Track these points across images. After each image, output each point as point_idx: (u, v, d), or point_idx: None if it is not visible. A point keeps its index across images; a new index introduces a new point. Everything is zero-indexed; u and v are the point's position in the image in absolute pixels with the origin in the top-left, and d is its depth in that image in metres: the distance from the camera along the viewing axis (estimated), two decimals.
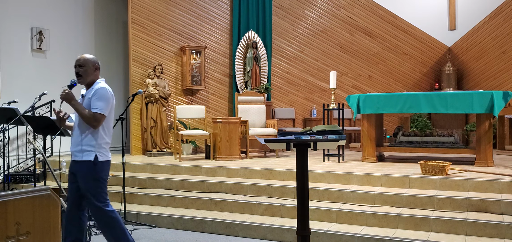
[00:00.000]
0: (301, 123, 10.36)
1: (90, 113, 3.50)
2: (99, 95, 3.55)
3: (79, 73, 3.64)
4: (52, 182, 6.63)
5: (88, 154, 3.53)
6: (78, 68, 3.64)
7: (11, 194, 2.32)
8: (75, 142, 3.60)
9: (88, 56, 3.70)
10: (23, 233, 2.34)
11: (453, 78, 10.14)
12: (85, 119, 3.50)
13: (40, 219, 2.43)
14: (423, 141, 6.91)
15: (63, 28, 8.67)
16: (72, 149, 3.61)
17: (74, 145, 3.60)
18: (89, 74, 3.65)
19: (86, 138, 3.54)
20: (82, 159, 3.53)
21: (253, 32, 9.59)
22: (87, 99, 3.58)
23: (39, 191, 2.45)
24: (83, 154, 3.53)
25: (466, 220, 4.47)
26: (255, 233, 4.99)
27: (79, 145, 3.55)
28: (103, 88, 3.61)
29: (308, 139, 3.18)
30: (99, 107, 3.52)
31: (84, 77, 3.64)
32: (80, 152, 3.54)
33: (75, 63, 3.66)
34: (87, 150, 3.53)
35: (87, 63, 3.65)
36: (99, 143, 3.58)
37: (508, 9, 9.65)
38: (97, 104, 3.52)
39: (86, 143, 3.54)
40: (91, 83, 3.66)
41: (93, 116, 3.50)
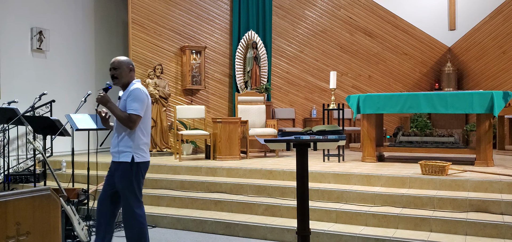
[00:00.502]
0: (301, 123, 10.36)
1: (125, 115, 3.53)
2: (134, 96, 3.57)
3: (114, 76, 3.65)
4: (52, 182, 6.63)
5: (125, 155, 3.57)
6: (113, 71, 3.64)
7: (11, 194, 2.31)
8: (113, 143, 3.65)
9: (122, 58, 3.69)
10: (23, 233, 2.34)
11: (453, 78, 10.14)
12: (121, 121, 3.54)
13: (40, 219, 2.42)
14: (423, 141, 6.91)
15: (63, 28, 8.67)
16: (111, 150, 3.66)
17: (112, 146, 3.65)
18: (124, 76, 3.65)
19: (123, 139, 3.58)
20: (119, 160, 3.57)
21: (253, 32, 9.59)
22: (123, 101, 3.61)
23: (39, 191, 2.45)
24: (120, 155, 3.58)
25: (466, 220, 4.47)
26: (255, 233, 4.99)
27: (117, 146, 3.60)
28: (137, 89, 3.61)
29: (308, 139, 3.18)
30: (134, 109, 3.54)
31: (119, 79, 3.65)
32: (117, 153, 3.59)
33: (110, 66, 3.67)
34: (124, 151, 3.57)
35: (121, 65, 3.65)
36: (136, 143, 3.60)
37: (508, 9, 9.65)
38: (132, 105, 3.54)
39: (123, 144, 3.58)
40: (126, 85, 3.68)
41: (128, 118, 3.53)
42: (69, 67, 8.81)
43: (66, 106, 8.06)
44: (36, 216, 2.40)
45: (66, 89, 8.62)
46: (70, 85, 8.75)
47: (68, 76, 8.79)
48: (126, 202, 3.61)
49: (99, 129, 5.86)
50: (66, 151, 8.06)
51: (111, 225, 3.76)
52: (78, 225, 4.62)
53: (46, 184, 6.03)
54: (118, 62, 3.65)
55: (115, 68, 3.63)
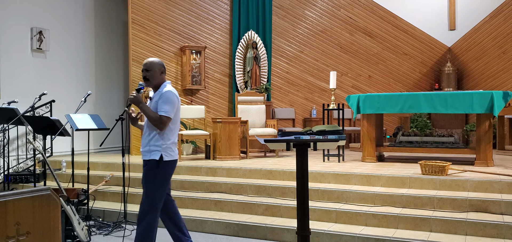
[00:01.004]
0: (301, 123, 10.36)
1: (156, 116, 3.64)
2: (165, 98, 3.67)
3: (146, 77, 3.74)
4: (52, 182, 6.63)
5: (155, 154, 3.69)
6: (145, 72, 3.74)
7: (11, 194, 2.31)
8: (144, 142, 3.77)
9: (154, 60, 3.79)
10: (23, 233, 2.34)
11: (453, 78, 10.13)
12: (152, 122, 3.65)
13: (40, 219, 2.42)
14: (423, 141, 6.91)
15: (63, 28, 8.67)
16: (141, 149, 3.79)
17: (143, 145, 3.78)
18: (156, 78, 3.74)
19: (153, 138, 3.69)
20: (149, 158, 3.70)
21: (253, 32, 9.59)
22: (154, 102, 3.71)
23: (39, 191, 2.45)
24: (150, 154, 3.70)
25: (466, 220, 4.47)
26: (255, 233, 4.99)
27: (147, 145, 3.72)
28: (169, 91, 3.72)
29: (308, 139, 3.18)
30: (165, 110, 3.65)
31: (151, 80, 3.74)
32: (148, 151, 3.71)
33: (142, 67, 3.77)
34: (154, 149, 3.69)
35: (153, 67, 3.74)
36: (166, 143, 3.71)
37: (508, 9, 9.65)
38: (163, 107, 3.65)
39: (153, 143, 3.69)
40: (158, 86, 3.77)
41: (159, 119, 3.65)
42: (69, 67, 8.81)
43: (66, 106, 8.06)
44: (36, 216, 2.40)
45: (66, 89, 8.62)
46: (70, 85, 8.75)
47: (68, 76, 8.79)
48: (146, 198, 3.70)
49: (99, 129, 5.86)
50: (66, 151, 8.06)
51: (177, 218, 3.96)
52: (78, 225, 4.63)
53: (46, 184, 6.03)
54: (150, 63, 3.75)
55: (147, 69, 3.73)
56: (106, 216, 5.84)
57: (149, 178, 3.69)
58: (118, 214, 5.65)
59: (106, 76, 9.57)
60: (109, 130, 5.74)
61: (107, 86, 9.56)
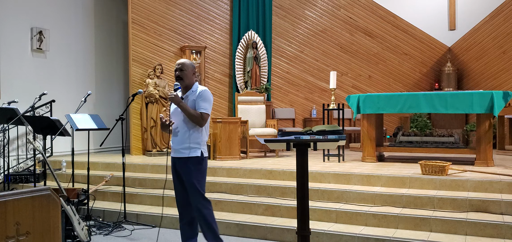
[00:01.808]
0: (301, 123, 10.36)
1: (198, 113, 3.78)
2: (204, 97, 3.82)
3: (179, 76, 3.86)
4: (52, 182, 6.63)
5: (195, 151, 3.80)
6: (179, 72, 3.86)
7: (11, 194, 2.31)
8: (180, 140, 3.83)
9: (187, 61, 3.94)
10: (23, 233, 2.34)
11: (453, 78, 10.13)
12: (193, 119, 3.78)
13: (40, 219, 2.42)
14: (423, 141, 6.91)
15: (63, 28, 8.67)
16: (177, 147, 3.84)
17: (179, 143, 3.83)
18: (188, 78, 3.88)
19: (192, 135, 3.81)
20: (190, 155, 3.80)
21: (253, 32, 9.59)
22: (191, 101, 3.83)
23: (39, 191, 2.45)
24: (190, 151, 3.80)
25: (466, 220, 4.46)
26: (255, 233, 4.99)
27: (186, 143, 3.80)
28: (207, 90, 3.89)
29: (308, 139, 3.18)
30: (205, 108, 3.80)
31: (183, 80, 3.86)
32: (187, 149, 3.80)
33: (176, 67, 3.89)
34: (194, 146, 3.80)
35: (187, 67, 3.88)
36: (203, 140, 3.86)
37: (508, 9, 9.65)
38: (203, 105, 3.80)
39: (193, 141, 3.80)
40: (189, 86, 3.89)
41: (200, 116, 3.79)
42: (69, 67, 8.81)
43: (66, 106, 8.06)
44: (36, 216, 2.40)
45: (66, 89, 8.62)
46: (70, 85, 8.75)
47: (68, 76, 8.79)
48: (197, 194, 3.81)
49: (99, 129, 5.86)
50: (66, 151, 8.06)
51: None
52: (78, 225, 4.62)
53: (46, 184, 6.03)
54: (184, 64, 3.88)
55: (181, 69, 3.86)
56: (106, 216, 5.84)
57: (195, 173, 3.80)
58: (118, 214, 5.65)
59: (106, 76, 9.57)
60: (109, 130, 5.76)
61: (107, 86, 9.56)
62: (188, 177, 3.82)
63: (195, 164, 3.80)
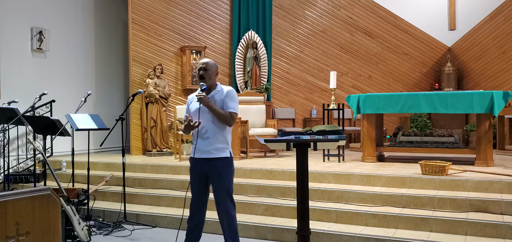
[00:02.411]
0: (301, 123, 10.36)
1: (227, 113, 3.72)
2: (232, 96, 3.78)
3: (203, 76, 3.77)
4: (52, 182, 6.63)
5: (224, 151, 3.76)
6: (204, 71, 3.77)
7: (11, 194, 2.31)
8: (208, 141, 3.73)
9: (211, 61, 3.86)
10: (23, 233, 2.34)
11: (453, 78, 10.13)
12: (223, 119, 3.71)
13: (40, 219, 2.42)
14: (423, 141, 6.91)
15: (63, 28, 8.67)
16: (205, 148, 3.74)
17: (208, 144, 3.73)
18: (212, 78, 3.81)
19: (220, 136, 3.75)
20: (220, 156, 3.74)
21: (253, 32, 9.59)
22: (219, 101, 3.76)
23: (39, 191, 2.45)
24: (220, 151, 3.74)
25: (466, 220, 4.46)
26: (255, 233, 4.99)
27: (215, 143, 3.73)
28: (233, 90, 3.85)
29: (308, 139, 3.18)
30: (234, 108, 3.75)
31: (207, 80, 3.77)
32: (216, 150, 3.73)
33: (200, 66, 3.79)
34: (223, 147, 3.76)
35: (211, 67, 3.80)
36: (229, 141, 3.83)
37: (508, 9, 9.65)
38: (232, 104, 3.75)
39: (221, 141, 3.75)
40: (212, 86, 3.82)
41: (230, 116, 3.73)
42: (69, 67, 8.81)
43: (66, 106, 8.06)
44: (36, 216, 2.40)
45: (66, 89, 8.63)
46: (70, 85, 8.75)
47: (68, 76, 8.79)
48: (226, 195, 3.78)
49: (99, 129, 5.86)
50: (66, 151, 8.06)
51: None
52: (78, 225, 4.62)
53: (46, 184, 6.03)
54: (208, 64, 3.81)
55: (206, 69, 3.78)
56: (106, 216, 5.84)
57: (225, 174, 3.77)
58: (118, 214, 5.65)
59: (106, 76, 9.57)
60: (109, 129, 5.76)
61: (107, 86, 9.56)
62: (218, 179, 3.76)
63: (225, 165, 3.76)
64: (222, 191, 3.76)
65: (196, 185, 3.86)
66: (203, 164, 3.77)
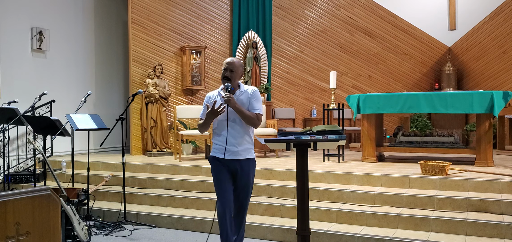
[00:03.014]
0: (301, 123, 10.36)
1: (253, 115, 3.66)
2: (257, 97, 3.74)
3: (228, 77, 3.69)
4: (52, 182, 6.63)
5: (251, 152, 3.75)
6: (229, 72, 3.69)
7: (11, 194, 2.31)
8: (235, 141, 3.68)
9: (238, 62, 3.77)
10: (23, 233, 2.34)
11: (453, 78, 10.13)
12: (250, 121, 3.65)
13: (40, 219, 2.42)
14: (423, 141, 6.91)
15: (63, 28, 8.67)
16: (235, 148, 3.68)
17: (237, 144, 3.68)
18: (236, 79, 3.75)
19: (247, 137, 3.72)
20: (247, 157, 3.72)
21: (253, 32, 9.58)
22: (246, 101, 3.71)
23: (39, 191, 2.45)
24: (247, 152, 3.72)
25: (466, 220, 4.47)
26: (255, 233, 4.99)
27: (243, 144, 3.69)
28: (258, 90, 3.80)
29: (308, 139, 3.18)
30: (259, 109, 3.71)
31: (232, 81, 3.70)
32: (244, 151, 3.70)
33: (226, 66, 3.69)
34: (250, 148, 3.74)
35: (237, 69, 3.72)
36: (253, 142, 3.80)
37: (508, 9, 9.65)
38: (257, 105, 3.71)
39: (248, 142, 3.73)
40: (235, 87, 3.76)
41: (256, 117, 3.68)
42: (69, 67, 8.81)
43: (66, 106, 8.06)
44: (36, 216, 2.40)
45: (66, 89, 8.63)
46: (70, 85, 8.75)
47: (68, 76, 8.79)
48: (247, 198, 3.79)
49: (99, 129, 5.86)
50: (66, 151, 8.06)
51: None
52: (78, 225, 4.63)
53: (46, 184, 6.03)
54: (234, 64, 3.72)
55: (232, 70, 3.69)
56: (106, 216, 5.84)
57: (252, 175, 3.77)
58: (118, 214, 5.65)
59: (106, 76, 9.57)
60: (109, 130, 5.76)
61: (107, 86, 9.56)
62: (246, 179, 3.73)
63: (252, 166, 3.78)
64: (247, 193, 3.77)
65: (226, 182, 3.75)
66: (233, 164, 3.71)
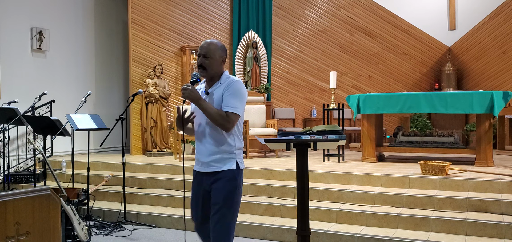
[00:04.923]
0: (301, 123, 10.36)
1: (222, 114, 2.78)
2: (234, 91, 2.81)
3: (203, 65, 2.84)
4: (52, 182, 6.63)
5: (230, 162, 2.87)
6: (203, 59, 2.84)
7: (11, 194, 2.31)
8: (208, 150, 2.87)
9: (216, 44, 2.88)
10: (23, 233, 2.34)
11: (453, 78, 10.13)
12: (216, 121, 2.78)
13: (40, 219, 2.42)
14: (423, 141, 6.91)
15: (63, 28, 8.67)
16: (204, 159, 2.89)
17: (206, 154, 2.87)
18: (215, 67, 2.87)
19: (224, 143, 2.85)
20: (223, 169, 2.85)
21: (253, 32, 9.59)
22: (219, 97, 2.84)
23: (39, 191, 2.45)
24: (223, 163, 2.86)
25: (466, 220, 4.46)
26: (255, 233, 4.99)
27: (217, 153, 2.85)
28: (239, 82, 2.86)
29: (308, 139, 3.18)
30: (233, 106, 2.79)
31: (208, 70, 2.85)
32: (218, 161, 2.85)
33: (199, 52, 2.86)
34: (228, 157, 2.86)
35: (214, 53, 2.84)
36: (237, 147, 2.92)
37: (508, 9, 9.65)
38: (232, 102, 2.80)
39: (226, 149, 2.86)
40: (215, 77, 2.90)
41: (225, 117, 2.78)
42: (69, 67, 8.81)
43: (66, 106, 8.06)
44: (36, 216, 2.40)
45: (66, 89, 8.63)
46: (70, 85, 8.75)
47: (68, 76, 8.79)
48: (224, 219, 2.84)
49: (99, 129, 5.86)
50: (66, 151, 8.06)
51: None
52: (78, 225, 4.63)
53: (46, 184, 6.03)
54: (209, 48, 2.85)
55: (206, 56, 2.84)
56: (106, 216, 5.84)
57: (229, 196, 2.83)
58: (118, 214, 5.65)
59: (106, 76, 9.57)
60: (109, 129, 5.76)
61: (107, 86, 9.56)
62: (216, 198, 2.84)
63: (230, 179, 2.84)
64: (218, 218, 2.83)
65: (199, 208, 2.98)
66: (202, 179, 2.93)
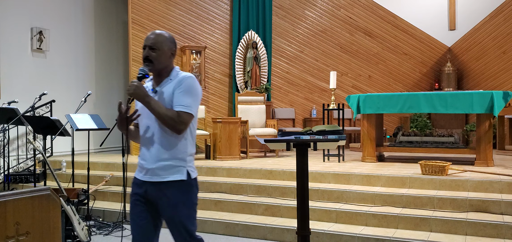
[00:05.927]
0: (301, 123, 10.36)
1: (172, 113, 2.49)
2: (186, 87, 2.53)
3: (149, 58, 2.55)
4: (52, 182, 6.63)
5: (179, 170, 2.55)
6: (150, 51, 2.55)
7: (11, 194, 2.31)
8: (154, 155, 2.55)
9: (164, 35, 2.60)
10: (23, 233, 2.34)
11: (453, 78, 10.13)
12: (166, 122, 2.49)
13: (40, 219, 2.43)
14: (423, 141, 6.91)
15: (63, 28, 8.67)
16: (148, 166, 2.57)
17: (151, 160, 2.56)
18: (163, 61, 2.57)
19: (173, 148, 2.54)
20: (171, 179, 2.54)
21: (253, 32, 9.59)
22: (169, 94, 2.55)
23: (39, 191, 2.45)
24: (172, 172, 2.55)
25: (466, 220, 4.46)
26: (255, 233, 4.99)
27: (164, 160, 2.54)
28: (191, 77, 2.58)
29: (308, 139, 3.18)
30: (185, 104, 2.51)
31: (155, 63, 2.56)
32: (166, 169, 2.53)
33: (145, 43, 2.58)
34: (177, 165, 2.55)
35: (162, 46, 2.56)
36: (189, 153, 2.60)
37: (508, 9, 9.65)
38: (183, 100, 2.51)
39: (174, 156, 2.54)
40: (164, 72, 2.61)
41: (177, 117, 2.49)
42: (69, 67, 8.81)
43: (66, 106, 8.05)
44: (36, 216, 2.40)
45: (66, 89, 8.62)
46: (70, 85, 8.75)
47: (68, 76, 8.79)
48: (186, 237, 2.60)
49: (99, 129, 5.86)
50: (66, 151, 8.06)
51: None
52: (78, 225, 4.63)
53: (46, 184, 6.02)
54: (157, 40, 2.57)
55: (153, 47, 2.55)
56: (106, 216, 5.84)
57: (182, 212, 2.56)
58: (118, 214, 5.65)
59: (106, 76, 9.57)
60: (109, 129, 5.75)
61: (107, 86, 9.56)
62: (170, 211, 2.56)
63: (181, 190, 2.54)
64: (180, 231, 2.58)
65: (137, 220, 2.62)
66: (146, 189, 2.58)
